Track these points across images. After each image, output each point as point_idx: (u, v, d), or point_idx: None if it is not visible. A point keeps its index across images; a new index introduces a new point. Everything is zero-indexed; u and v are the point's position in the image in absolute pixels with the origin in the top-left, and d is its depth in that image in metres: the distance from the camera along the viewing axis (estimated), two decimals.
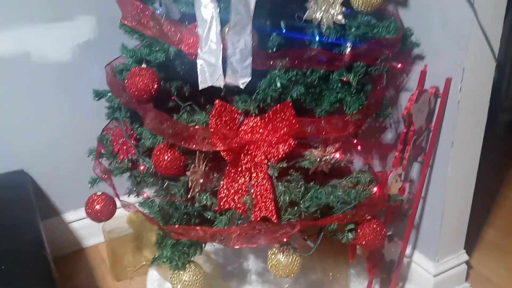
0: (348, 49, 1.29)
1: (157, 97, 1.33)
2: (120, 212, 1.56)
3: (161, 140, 1.33)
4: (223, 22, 1.21)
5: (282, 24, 1.32)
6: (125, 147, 1.47)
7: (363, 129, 1.55)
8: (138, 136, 1.45)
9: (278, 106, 1.23)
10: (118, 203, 1.50)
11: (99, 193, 1.48)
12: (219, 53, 1.19)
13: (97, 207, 1.46)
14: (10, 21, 1.66)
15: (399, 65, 1.43)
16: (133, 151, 1.45)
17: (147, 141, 1.39)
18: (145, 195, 1.51)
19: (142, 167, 1.43)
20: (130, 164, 1.49)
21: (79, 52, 1.79)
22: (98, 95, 1.57)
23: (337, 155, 1.31)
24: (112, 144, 1.49)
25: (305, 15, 1.29)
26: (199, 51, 1.20)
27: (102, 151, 1.55)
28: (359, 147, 1.44)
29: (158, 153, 1.32)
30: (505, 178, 2.49)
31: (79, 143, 1.66)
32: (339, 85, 1.33)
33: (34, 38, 1.71)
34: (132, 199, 1.53)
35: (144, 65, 1.33)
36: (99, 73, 1.56)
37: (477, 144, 1.56)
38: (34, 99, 1.78)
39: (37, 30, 1.70)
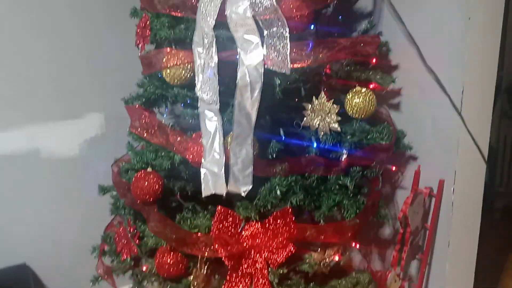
0: (345, 156, 1.35)
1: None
2: None
3: (164, 243, 1.36)
4: (226, 132, 1.29)
5: (281, 132, 1.39)
6: (128, 246, 1.50)
7: None
8: (141, 235, 1.49)
9: (278, 212, 1.28)
10: None
11: None
12: (222, 163, 1.25)
13: None
14: (22, 120, 1.75)
15: (394, 168, 1.49)
16: (136, 250, 1.48)
17: (149, 239, 1.42)
18: None
19: (144, 268, 1.46)
20: (132, 263, 1.51)
21: (86, 147, 1.87)
22: (103, 190, 1.62)
23: (337, 258, 1.35)
24: (116, 242, 1.53)
25: (303, 122, 1.37)
26: (203, 160, 1.27)
27: (105, 248, 1.58)
28: (357, 246, 1.48)
29: (160, 256, 1.35)
30: (504, 266, 2.48)
31: (83, 238, 1.69)
32: (337, 187, 1.39)
33: (43, 135, 1.79)
34: None
35: (149, 169, 1.39)
36: (105, 167, 1.62)
37: (473, 240, 1.58)
38: (39, 193, 1.83)
39: (47, 127, 1.79)
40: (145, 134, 1.36)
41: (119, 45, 1.79)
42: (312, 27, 1.34)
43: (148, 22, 1.40)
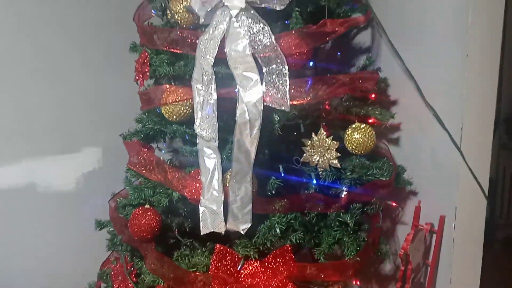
0: (344, 193, 1.35)
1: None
2: None
3: (162, 281, 1.34)
4: (225, 169, 1.28)
5: (281, 168, 1.38)
6: (125, 284, 1.47)
7: None
8: (138, 272, 1.46)
9: (277, 250, 1.26)
10: None
11: None
12: (221, 200, 1.24)
13: None
14: (19, 154, 1.74)
15: (394, 204, 1.48)
16: None
17: (147, 277, 1.40)
18: None
19: None
20: None
21: (84, 181, 1.86)
22: (100, 225, 1.60)
23: None
24: (112, 280, 1.50)
25: (302, 158, 1.36)
26: (201, 198, 1.26)
27: (102, 286, 1.55)
28: (358, 283, 1.45)
29: None
30: None
31: (78, 273, 1.66)
32: (337, 223, 1.37)
33: (41, 169, 1.78)
34: None
35: (147, 205, 1.38)
36: (103, 202, 1.61)
37: (475, 276, 1.56)
38: (35, 227, 1.81)
39: (44, 162, 1.78)
40: (144, 171, 1.35)
41: (118, 80, 1.79)
42: (311, 63, 1.34)
43: (147, 58, 1.40)
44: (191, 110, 1.31)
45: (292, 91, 1.25)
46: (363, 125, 1.39)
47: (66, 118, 1.80)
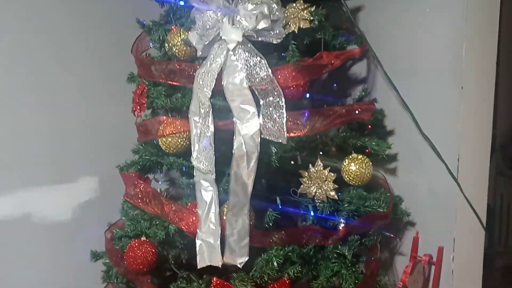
0: (342, 225, 1.34)
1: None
2: None
3: None
4: (222, 201, 1.27)
5: (278, 200, 1.38)
6: None
7: None
8: None
9: (275, 284, 1.25)
10: None
11: None
12: (218, 233, 1.23)
13: None
14: (13, 184, 1.72)
15: (392, 235, 1.47)
16: None
17: None
18: None
19: None
20: None
21: (79, 212, 1.84)
22: (95, 257, 1.58)
23: None
24: None
25: (299, 190, 1.36)
26: (198, 231, 1.25)
27: None
28: None
29: None
30: None
31: None
32: (335, 255, 1.36)
33: (35, 200, 1.76)
34: None
35: (143, 238, 1.37)
36: (99, 232, 1.60)
37: None
38: (30, 258, 1.78)
39: (39, 192, 1.76)
40: (140, 203, 1.35)
41: (115, 110, 1.80)
42: (307, 95, 1.35)
43: (145, 90, 1.41)
44: (188, 142, 1.31)
45: (289, 123, 1.25)
46: (360, 156, 1.39)
47: (62, 148, 1.79)
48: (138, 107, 1.43)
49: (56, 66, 1.76)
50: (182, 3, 1.34)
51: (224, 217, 1.25)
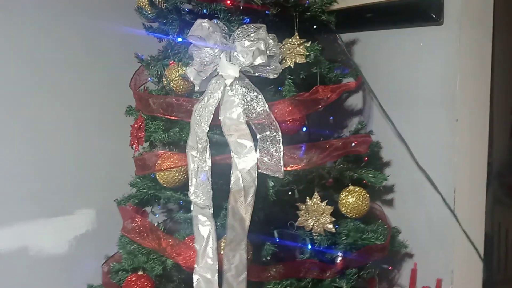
0: (340, 258, 1.34)
1: None
2: None
3: None
4: (219, 236, 1.27)
5: (276, 233, 1.38)
6: None
7: None
8: None
9: None
10: None
11: None
12: (215, 268, 1.23)
13: None
14: (10, 217, 1.71)
15: (390, 267, 1.47)
16: None
17: None
18: None
19: None
20: None
21: (76, 244, 1.83)
22: None
23: None
24: None
25: (297, 223, 1.36)
26: (195, 266, 1.24)
27: None
28: None
29: None
30: None
31: None
32: None
33: (32, 232, 1.75)
34: None
35: (140, 272, 1.36)
36: (95, 265, 1.59)
37: None
38: None
39: (36, 225, 1.75)
40: (137, 238, 1.34)
41: (112, 142, 1.81)
42: (304, 129, 1.36)
43: (143, 123, 1.42)
44: (185, 176, 1.32)
45: (286, 157, 1.26)
46: (357, 188, 1.39)
47: (60, 180, 1.79)
48: (136, 141, 1.44)
49: (54, 98, 1.77)
50: (180, 39, 1.36)
51: (222, 252, 1.24)
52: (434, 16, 1.35)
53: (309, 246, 1.36)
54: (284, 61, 1.32)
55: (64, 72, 1.78)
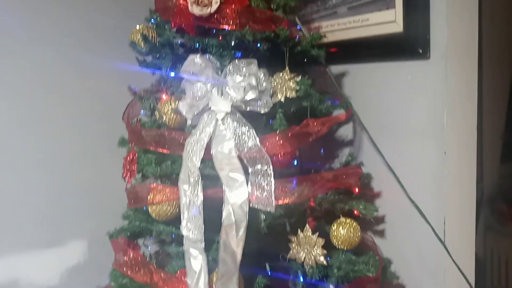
0: None
1: None
2: None
3: None
4: (211, 270, 1.28)
5: (267, 266, 1.38)
6: None
7: None
8: None
9: None
10: None
11: None
12: None
13: None
14: (1, 248, 1.70)
15: None
16: None
17: None
18: None
19: None
20: None
21: (68, 276, 1.82)
22: None
23: None
24: None
25: (288, 255, 1.37)
26: None
27: None
28: None
29: None
30: None
31: None
32: None
33: (24, 264, 1.74)
34: None
35: None
36: None
37: None
38: None
39: (27, 256, 1.74)
40: (129, 272, 1.34)
41: (105, 173, 1.82)
42: (295, 162, 1.38)
43: (135, 156, 1.43)
44: (177, 210, 1.33)
45: (278, 191, 1.27)
46: (348, 220, 1.40)
47: (51, 212, 1.78)
48: (129, 173, 1.44)
49: (48, 129, 1.78)
50: (173, 74, 1.38)
51: (214, 286, 1.24)
52: (421, 51, 1.38)
53: (301, 279, 1.36)
54: (275, 95, 1.34)
55: (58, 103, 1.80)
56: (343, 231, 1.38)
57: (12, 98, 1.72)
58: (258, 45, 1.34)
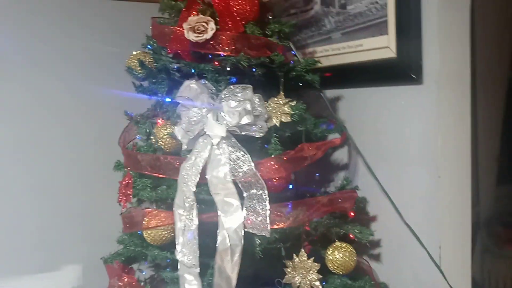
0: None
1: None
2: None
3: None
4: None
5: None
6: None
7: None
8: None
9: None
10: None
11: None
12: None
13: None
14: None
15: None
16: None
17: None
18: None
19: None
20: None
21: None
22: None
23: None
24: None
25: (284, 280, 1.36)
26: None
27: None
28: None
29: None
30: None
31: None
32: None
33: None
34: None
35: None
36: None
37: None
38: None
39: (22, 281, 1.73)
40: None
41: (100, 198, 1.82)
42: (290, 186, 1.38)
43: (131, 181, 1.44)
44: (172, 234, 1.32)
45: (273, 215, 1.27)
46: (343, 244, 1.40)
47: (46, 237, 1.78)
48: (124, 198, 1.45)
49: (44, 153, 1.79)
50: (168, 99, 1.39)
51: None
52: (414, 76, 1.39)
53: None
54: (270, 119, 1.35)
55: (53, 127, 1.81)
56: (339, 255, 1.38)
57: (7, 122, 1.73)
58: (253, 70, 1.36)
